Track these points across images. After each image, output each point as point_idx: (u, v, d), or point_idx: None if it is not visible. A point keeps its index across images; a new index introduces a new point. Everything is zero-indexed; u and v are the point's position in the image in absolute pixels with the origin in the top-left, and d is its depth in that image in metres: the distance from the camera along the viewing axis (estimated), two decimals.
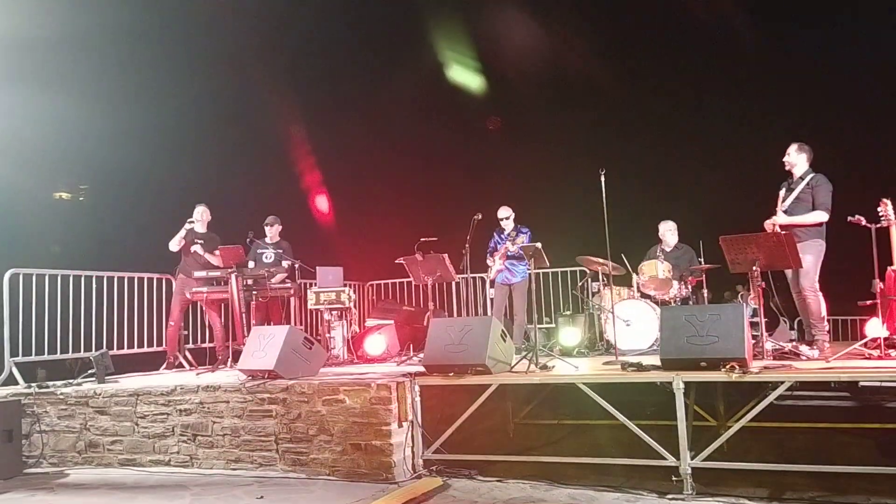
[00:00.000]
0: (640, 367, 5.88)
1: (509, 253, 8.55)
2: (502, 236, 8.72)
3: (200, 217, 8.84)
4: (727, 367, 5.32)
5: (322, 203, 15.85)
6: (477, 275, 10.08)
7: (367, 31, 15.01)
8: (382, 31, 14.93)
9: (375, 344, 8.88)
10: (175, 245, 8.73)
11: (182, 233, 8.69)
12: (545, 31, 14.49)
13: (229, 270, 8.09)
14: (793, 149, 6.80)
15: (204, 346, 9.50)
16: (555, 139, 15.56)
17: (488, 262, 8.82)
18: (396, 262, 8.43)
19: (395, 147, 16.06)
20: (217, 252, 8.56)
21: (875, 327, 6.50)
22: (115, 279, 8.77)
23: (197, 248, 8.73)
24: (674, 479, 5.37)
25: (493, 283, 8.96)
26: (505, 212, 8.80)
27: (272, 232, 9.21)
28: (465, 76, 14.99)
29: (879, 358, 5.93)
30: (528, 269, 8.36)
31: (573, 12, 14.29)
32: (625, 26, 15.03)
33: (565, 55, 15.00)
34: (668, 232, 8.75)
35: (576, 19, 14.34)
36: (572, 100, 15.43)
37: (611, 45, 14.96)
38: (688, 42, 14.50)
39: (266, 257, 9.06)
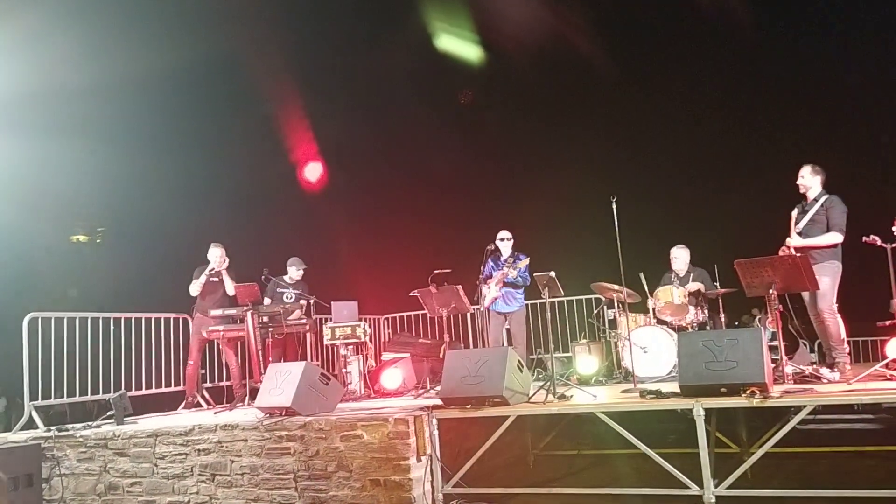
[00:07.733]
0: (659, 395, 5.83)
1: (508, 279, 8.38)
2: (499, 262, 8.54)
3: (218, 259, 8.86)
4: (747, 392, 5.26)
5: (313, 172, 15.72)
6: None
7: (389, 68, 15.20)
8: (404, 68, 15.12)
9: (392, 378, 8.86)
10: (196, 290, 8.80)
11: (203, 279, 8.75)
12: (558, 56, 14.61)
13: (245, 308, 8.14)
14: (807, 171, 6.77)
15: (221, 384, 9.53)
16: (566, 164, 15.61)
17: (483, 289, 8.51)
18: (411, 294, 8.42)
19: (407, 179, 16.19)
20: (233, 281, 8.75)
21: (895, 348, 6.43)
22: (133, 320, 8.83)
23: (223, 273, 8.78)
24: None
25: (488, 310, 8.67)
26: (505, 234, 8.61)
27: (297, 274, 9.30)
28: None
29: None
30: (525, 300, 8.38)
31: (588, 34, 14.39)
32: (638, 52, 15.12)
33: (578, 80, 15.11)
34: (675, 259, 8.61)
35: (590, 45, 14.43)
36: (584, 124, 15.50)
37: (626, 70, 15.04)
38: (703, 65, 14.54)
39: (287, 297, 9.13)
